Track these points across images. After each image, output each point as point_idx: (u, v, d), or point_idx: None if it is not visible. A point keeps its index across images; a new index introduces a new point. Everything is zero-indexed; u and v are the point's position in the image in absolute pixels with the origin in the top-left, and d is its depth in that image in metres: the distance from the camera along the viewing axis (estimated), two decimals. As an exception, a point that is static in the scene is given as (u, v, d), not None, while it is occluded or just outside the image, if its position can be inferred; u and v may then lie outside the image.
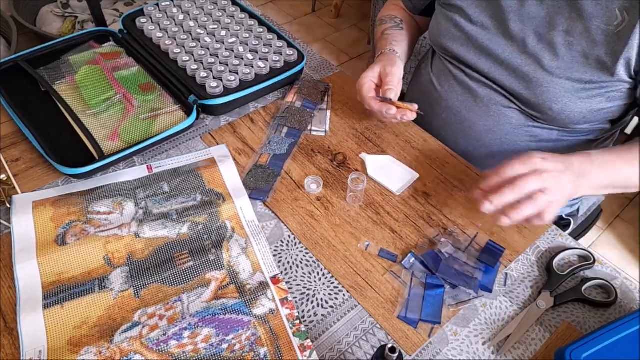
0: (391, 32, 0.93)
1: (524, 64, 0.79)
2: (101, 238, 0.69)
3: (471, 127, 0.89)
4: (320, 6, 2.83)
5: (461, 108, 0.89)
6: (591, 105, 0.77)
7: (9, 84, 0.87)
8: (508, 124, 0.85)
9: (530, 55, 0.78)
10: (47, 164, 0.77)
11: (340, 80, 0.98)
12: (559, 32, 0.75)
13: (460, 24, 0.85)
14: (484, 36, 0.83)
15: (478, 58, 0.84)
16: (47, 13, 2.10)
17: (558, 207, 0.63)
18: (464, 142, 0.91)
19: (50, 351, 0.58)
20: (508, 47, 0.81)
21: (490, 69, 0.83)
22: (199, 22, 0.99)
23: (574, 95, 0.76)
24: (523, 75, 0.79)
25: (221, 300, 0.64)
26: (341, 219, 0.74)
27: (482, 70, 0.84)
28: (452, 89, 0.90)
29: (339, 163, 0.82)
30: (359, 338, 0.62)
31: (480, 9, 0.83)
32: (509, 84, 0.82)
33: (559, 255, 0.70)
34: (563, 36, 0.75)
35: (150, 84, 0.89)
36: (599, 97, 0.76)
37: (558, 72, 0.76)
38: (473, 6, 0.84)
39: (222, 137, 0.85)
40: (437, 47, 0.94)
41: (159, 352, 0.58)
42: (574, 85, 0.76)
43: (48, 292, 0.63)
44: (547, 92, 0.78)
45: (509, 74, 0.81)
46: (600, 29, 0.72)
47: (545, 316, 0.65)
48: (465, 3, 0.85)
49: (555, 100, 0.77)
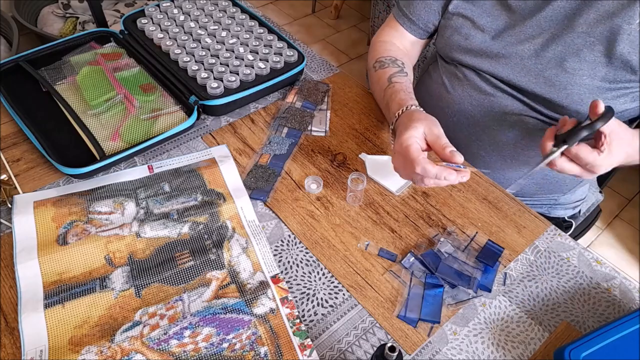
0: (401, 81, 0.83)
1: (545, 68, 0.77)
2: (102, 238, 0.69)
3: (484, 130, 0.87)
4: (320, 7, 2.83)
5: (475, 112, 0.87)
6: (616, 106, 0.75)
7: (10, 85, 0.87)
8: (524, 128, 0.84)
9: (551, 58, 0.77)
10: (48, 164, 0.78)
11: (340, 80, 0.98)
12: (579, 34, 0.74)
13: (470, 36, 0.83)
14: (499, 44, 0.81)
15: (495, 67, 0.82)
16: (48, 14, 2.10)
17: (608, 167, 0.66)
18: (476, 145, 0.90)
19: (51, 350, 0.58)
20: (526, 52, 0.79)
21: (508, 76, 0.81)
22: (200, 23, 0.99)
23: (599, 97, 0.75)
24: (545, 79, 0.77)
25: (222, 299, 0.64)
26: (341, 218, 0.75)
27: (501, 77, 0.82)
28: (466, 92, 0.87)
29: (339, 163, 0.82)
30: (358, 337, 0.63)
31: (491, 17, 0.81)
32: (531, 88, 0.79)
33: None
34: (584, 37, 0.74)
35: (151, 84, 0.89)
36: (624, 97, 0.75)
37: (581, 73, 0.74)
38: (484, 15, 0.81)
39: (222, 137, 0.85)
40: (448, 59, 0.91)
41: (159, 351, 0.59)
42: (598, 86, 0.74)
43: (49, 292, 0.63)
44: (572, 94, 0.76)
45: (529, 79, 0.79)
46: (622, 28, 0.71)
47: (545, 316, 0.66)
48: (475, 13, 0.82)
49: (580, 102, 0.76)
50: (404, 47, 0.95)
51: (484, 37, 0.82)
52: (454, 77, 0.90)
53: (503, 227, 0.75)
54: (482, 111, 0.87)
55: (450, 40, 0.87)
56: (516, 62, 0.80)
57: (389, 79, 0.84)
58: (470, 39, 0.83)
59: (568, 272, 0.71)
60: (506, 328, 0.64)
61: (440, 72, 0.93)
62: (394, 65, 0.87)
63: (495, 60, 0.82)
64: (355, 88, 0.97)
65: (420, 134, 0.68)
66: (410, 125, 0.68)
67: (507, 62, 0.81)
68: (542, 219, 0.77)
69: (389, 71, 0.86)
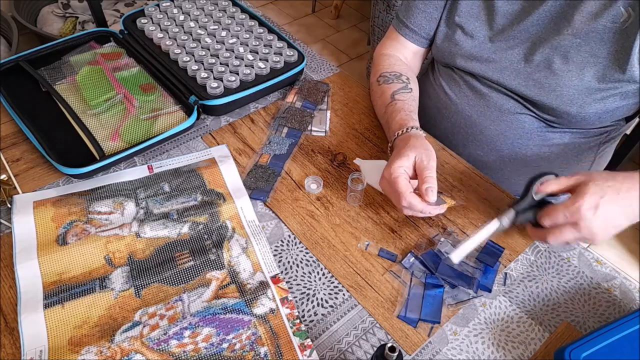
0: (404, 98, 0.83)
1: (534, 71, 0.78)
2: (102, 238, 0.69)
3: (482, 131, 0.88)
4: (320, 7, 2.83)
5: (472, 112, 0.88)
6: (606, 105, 0.76)
7: (10, 84, 0.87)
8: (520, 129, 0.85)
9: (540, 61, 0.78)
10: (47, 164, 0.77)
11: (340, 80, 0.98)
12: (565, 36, 0.75)
13: (460, 42, 0.85)
14: (488, 49, 0.82)
15: (485, 70, 0.84)
16: (48, 13, 2.10)
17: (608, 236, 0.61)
18: (474, 146, 0.91)
19: (50, 351, 0.58)
20: (515, 56, 0.80)
21: (499, 79, 0.82)
22: (200, 23, 0.99)
23: (589, 97, 0.76)
24: (535, 82, 0.79)
25: (221, 299, 0.64)
26: (341, 218, 0.75)
27: (493, 79, 0.84)
28: (463, 94, 0.89)
29: (339, 163, 0.82)
30: (358, 337, 0.62)
31: (479, 22, 0.83)
32: (522, 91, 0.81)
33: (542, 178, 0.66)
34: (570, 39, 0.75)
35: (150, 84, 0.89)
36: (613, 96, 0.76)
37: (570, 75, 0.75)
38: (472, 20, 0.83)
39: (222, 137, 0.85)
40: (443, 65, 0.93)
41: (159, 351, 0.59)
42: (587, 87, 0.75)
43: (49, 292, 0.63)
44: (561, 96, 0.77)
45: (519, 81, 0.80)
46: (606, 27, 0.72)
47: (545, 316, 0.65)
48: (463, 20, 0.84)
49: (570, 103, 0.77)
50: (407, 58, 0.95)
51: (474, 43, 0.84)
52: (451, 80, 0.91)
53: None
54: (479, 111, 0.87)
55: (443, 47, 0.88)
56: (506, 66, 0.81)
57: (392, 95, 0.84)
58: (460, 44, 0.85)
59: (568, 272, 0.71)
60: (506, 328, 0.64)
61: (437, 74, 0.95)
62: (398, 81, 0.87)
63: (486, 64, 0.83)
64: (356, 88, 0.97)
65: (411, 162, 0.69)
66: (403, 152, 0.69)
67: (496, 66, 0.82)
68: (542, 219, 0.77)
69: (393, 87, 0.85)
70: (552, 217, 0.62)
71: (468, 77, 0.88)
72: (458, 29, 0.85)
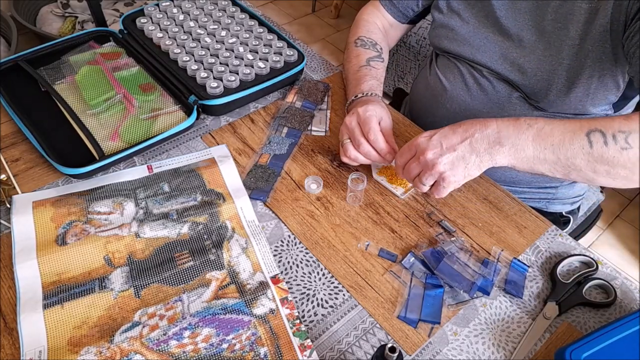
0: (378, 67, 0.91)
1: (519, 56, 0.81)
2: (101, 238, 0.69)
3: (476, 115, 0.90)
4: (320, 6, 2.83)
5: (466, 97, 0.91)
6: (587, 90, 0.77)
7: (9, 84, 0.87)
8: (513, 112, 0.87)
9: (526, 47, 0.81)
10: (47, 164, 0.77)
11: (341, 80, 0.98)
12: (549, 21, 0.77)
13: (455, 27, 0.89)
14: (480, 35, 0.86)
15: (478, 55, 0.87)
16: (47, 13, 2.10)
17: (455, 184, 0.66)
18: None
19: (50, 351, 0.58)
20: (505, 42, 0.83)
21: (491, 64, 0.85)
22: (199, 23, 0.99)
23: (568, 81, 0.77)
24: (519, 67, 0.82)
25: (221, 300, 0.64)
26: (341, 219, 0.74)
27: (485, 64, 0.86)
28: (457, 80, 0.91)
29: (339, 163, 0.82)
30: (358, 338, 0.62)
31: (475, 9, 0.86)
32: (510, 76, 0.84)
33: (562, 262, 0.70)
34: (552, 24, 0.77)
35: (150, 84, 0.89)
36: (593, 78, 0.76)
37: (551, 59, 0.78)
38: (468, 8, 0.87)
39: (222, 137, 0.85)
40: (438, 50, 0.96)
41: (159, 352, 0.58)
42: (567, 70, 0.77)
43: (48, 292, 0.63)
44: (541, 80, 0.80)
45: (506, 67, 0.83)
46: (582, 8, 0.73)
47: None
48: (460, 7, 0.88)
49: (549, 87, 0.79)
50: (384, 27, 1.01)
51: (467, 28, 0.87)
52: (446, 68, 0.94)
53: (504, 227, 0.75)
54: (472, 96, 0.90)
55: (439, 32, 0.92)
56: (495, 52, 0.84)
57: (367, 60, 0.92)
58: (455, 29, 0.89)
59: (569, 272, 0.70)
60: (507, 328, 0.64)
61: (435, 65, 0.98)
62: (373, 49, 0.95)
63: (477, 49, 0.87)
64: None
65: (380, 114, 0.77)
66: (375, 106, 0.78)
67: (486, 51, 0.86)
68: (542, 219, 0.77)
69: (369, 53, 0.94)
70: (399, 154, 0.70)
71: (461, 64, 0.90)
72: (456, 15, 0.88)
